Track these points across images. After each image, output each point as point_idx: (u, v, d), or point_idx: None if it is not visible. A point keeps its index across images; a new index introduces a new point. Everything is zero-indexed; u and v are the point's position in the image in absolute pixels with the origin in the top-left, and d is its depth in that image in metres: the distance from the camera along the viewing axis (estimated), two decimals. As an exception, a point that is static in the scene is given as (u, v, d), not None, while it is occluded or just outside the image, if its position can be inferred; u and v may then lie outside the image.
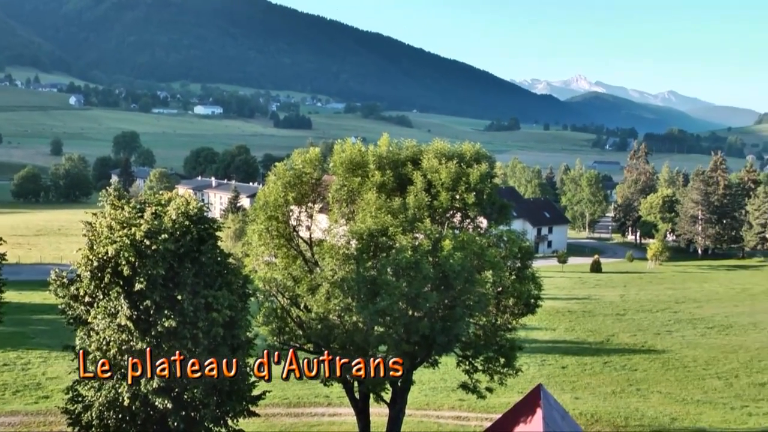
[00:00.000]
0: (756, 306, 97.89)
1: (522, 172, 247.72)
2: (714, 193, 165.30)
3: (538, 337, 70.97)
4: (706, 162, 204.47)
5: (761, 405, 50.67)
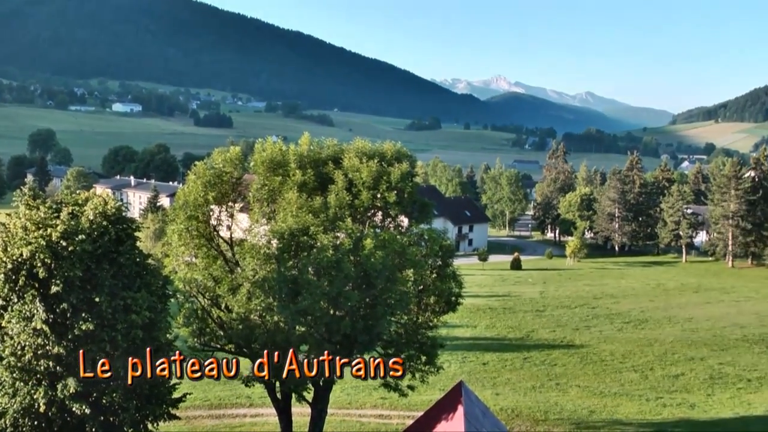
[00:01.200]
0: (670, 301, 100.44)
1: (443, 171, 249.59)
2: (630, 191, 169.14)
3: (459, 335, 71.59)
4: (622, 161, 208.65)
5: (675, 396, 52.00)
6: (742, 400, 51.25)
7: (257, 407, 46.43)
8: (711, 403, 50.12)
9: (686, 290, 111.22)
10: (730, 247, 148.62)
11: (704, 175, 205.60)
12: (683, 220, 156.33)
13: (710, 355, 66.85)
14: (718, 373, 59.90)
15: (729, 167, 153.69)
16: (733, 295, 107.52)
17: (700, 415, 46.17)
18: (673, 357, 65.49)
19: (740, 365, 62.98)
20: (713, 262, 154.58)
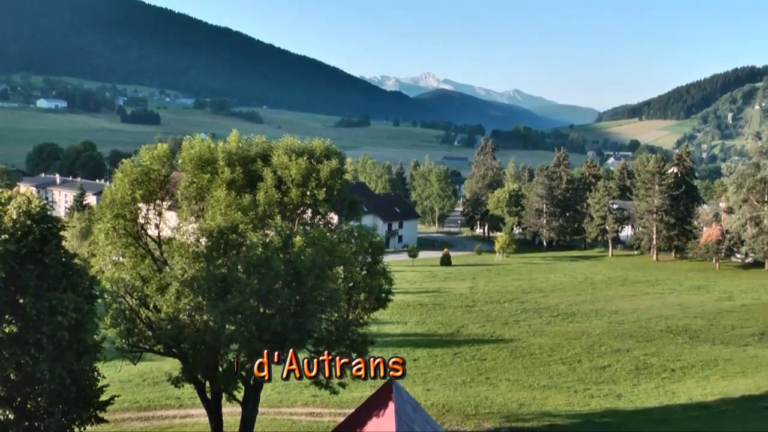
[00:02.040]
0: (597, 294, 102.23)
1: (372, 167, 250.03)
2: (557, 187, 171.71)
3: (389, 331, 71.74)
4: (550, 158, 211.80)
5: (602, 387, 52.94)
6: (666, 389, 52.43)
7: (187, 408, 45.94)
8: (637, 393, 51.17)
9: (613, 283, 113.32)
10: (654, 241, 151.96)
11: (629, 171, 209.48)
12: (609, 215, 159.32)
13: (636, 347, 68.21)
14: (643, 364, 61.16)
15: (653, 163, 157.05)
16: (657, 287, 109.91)
17: (626, 405, 47.11)
18: (600, 349, 66.64)
19: (664, 356, 64.39)
20: (638, 255, 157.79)
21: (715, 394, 49.41)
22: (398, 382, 29.33)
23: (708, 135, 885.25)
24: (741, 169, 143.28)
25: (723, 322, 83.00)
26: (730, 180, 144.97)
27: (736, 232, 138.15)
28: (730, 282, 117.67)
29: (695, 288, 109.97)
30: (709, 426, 41.60)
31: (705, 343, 72.17)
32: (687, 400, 48.29)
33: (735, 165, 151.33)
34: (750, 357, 64.34)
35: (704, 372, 58.70)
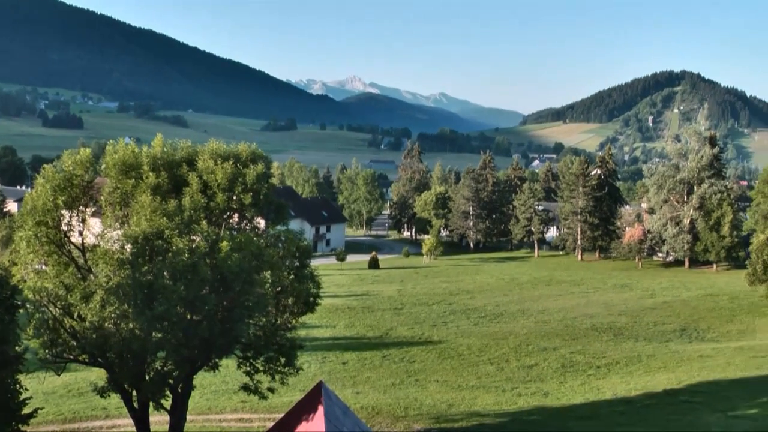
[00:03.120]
0: (523, 294, 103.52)
1: (299, 171, 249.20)
2: (483, 189, 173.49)
3: (318, 335, 71.61)
4: (476, 161, 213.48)
5: (529, 386, 53.62)
6: (591, 386, 53.34)
7: (114, 418, 45.14)
8: (563, 391, 51.96)
9: (539, 284, 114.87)
10: (579, 242, 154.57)
11: (554, 173, 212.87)
12: (535, 216, 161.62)
13: (562, 345, 69.27)
14: (569, 362, 62.14)
15: (577, 166, 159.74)
16: (582, 287, 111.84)
17: (554, 403, 47.80)
18: (528, 348, 67.48)
19: (590, 353, 65.55)
20: (564, 256, 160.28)
21: (638, 389, 50.49)
22: (327, 385, 29.36)
23: (630, 138, 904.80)
24: (661, 171, 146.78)
25: (646, 319, 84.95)
26: (651, 181, 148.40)
27: (658, 231, 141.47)
28: (652, 280, 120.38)
29: (619, 286, 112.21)
30: (632, 420, 42.47)
31: (629, 339, 73.76)
32: (612, 395, 49.22)
33: (656, 167, 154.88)
34: (671, 352, 65.94)
35: (628, 368, 59.93)
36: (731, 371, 55.59)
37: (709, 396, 47.41)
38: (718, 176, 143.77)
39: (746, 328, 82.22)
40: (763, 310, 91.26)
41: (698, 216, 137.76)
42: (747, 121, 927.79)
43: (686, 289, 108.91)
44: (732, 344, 71.24)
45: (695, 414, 43.18)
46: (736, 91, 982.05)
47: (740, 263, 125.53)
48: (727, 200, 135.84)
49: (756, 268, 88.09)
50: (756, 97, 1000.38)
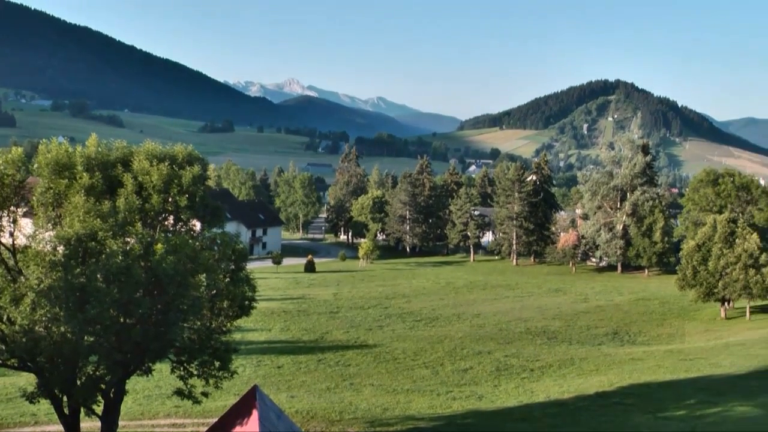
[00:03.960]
0: (459, 298, 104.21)
1: (236, 174, 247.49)
2: (420, 194, 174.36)
3: (253, 339, 71.14)
4: (413, 165, 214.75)
5: (464, 389, 53.91)
6: (525, 388, 53.87)
7: (43, 425, 44.18)
8: (497, 394, 52.36)
9: (474, 288, 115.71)
10: (514, 246, 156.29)
11: (490, 178, 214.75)
12: (471, 221, 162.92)
13: (497, 349, 69.85)
14: (503, 365, 62.68)
15: (513, 171, 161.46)
16: (517, 291, 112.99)
17: (488, 406, 48.12)
18: (462, 352, 67.90)
19: (524, 356, 66.21)
20: (499, 260, 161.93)
21: (571, 392, 51.13)
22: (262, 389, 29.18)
23: (565, 144, 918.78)
24: (596, 178, 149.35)
25: (579, 322, 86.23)
26: (585, 188, 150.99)
27: (591, 237, 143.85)
28: (585, 285, 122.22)
29: (553, 291, 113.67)
30: (565, 422, 43.00)
31: (562, 343, 74.77)
32: (545, 398, 49.76)
33: (590, 173, 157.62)
34: (604, 355, 66.97)
35: (561, 371, 60.69)
36: (661, 374, 56.69)
37: (640, 398, 48.27)
38: (650, 183, 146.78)
39: (676, 331, 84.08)
40: (693, 314, 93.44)
41: (631, 222, 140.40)
42: (678, 130, 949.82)
43: (619, 293, 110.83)
44: (662, 347, 72.73)
45: (626, 415, 43.90)
46: (668, 101, 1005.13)
47: (671, 268, 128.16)
48: (659, 207, 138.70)
49: (686, 274, 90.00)
50: (687, 107, 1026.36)
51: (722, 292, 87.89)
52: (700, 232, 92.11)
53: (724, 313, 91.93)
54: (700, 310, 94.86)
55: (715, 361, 61.77)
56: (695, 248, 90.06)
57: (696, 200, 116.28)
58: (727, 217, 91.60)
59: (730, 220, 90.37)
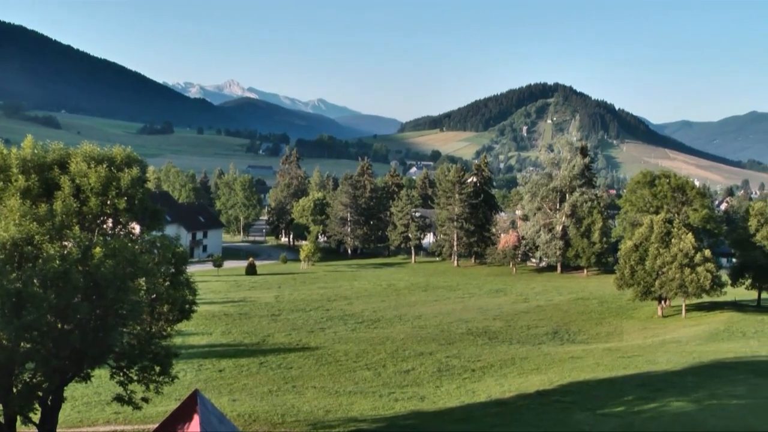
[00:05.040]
0: (401, 300, 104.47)
1: (176, 176, 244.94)
2: (361, 196, 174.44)
3: (194, 343, 70.50)
4: (354, 167, 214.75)
5: (406, 390, 54.02)
6: (467, 389, 54.19)
7: (-23, 432, 43.26)
8: (439, 394, 52.59)
9: (416, 289, 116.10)
10: (455, 248, 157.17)
11: (431, 180, 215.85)
12: (412, 223, 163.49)
13: (438, 350, 70.17)
14: (445, 366, 62.99)
15: (453, 173, 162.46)
16: (458, 292, 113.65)
17: (430, 406, 48.30)
18: (404, 353, 68.07)
19: (465, 357, 66.62)
20: (440, 262, 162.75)
21: (512, 391, 51.60)
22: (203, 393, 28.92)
23: (505, 146, 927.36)
24: (535, 179, 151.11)
25: (519, 322, 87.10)
26: (525, 189, 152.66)
27: (531, 238, 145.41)
28: (525, 285, 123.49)
29: (494, 291, 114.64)
30: (506, 421, 43.36)
31: (503, 343, 75.45)
32: (486, 398, 50.13)
33: (530, 175, 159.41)
34: (544, 354, 67.72)
35: (502, 370, 61.20)
36: (600, 371, 57.53)
37: (579, 395, 48.91)
38: (588, 185, 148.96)
39: (614, 330, 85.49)
40: (630, 312, 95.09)
41: (570, 223, 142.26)
42: (616, 132, 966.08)
43: (558, 293, 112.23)
44: (601, 345, 73.84)
45: (566, 413, 44.44)
46: (606, 104, 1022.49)
47: (609, 268, 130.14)
48: (597, 208, 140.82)
49: (624, 273, 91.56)
50: (624, 110, 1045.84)
51: (659, 291, 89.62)
52: (638, 233, 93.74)
53: (660, 312, 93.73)
54: (638, 309, 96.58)
55: (652, 358, 62.93)
56: (633, 248, 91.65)
57: (633, 201, 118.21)
58: (663, 217, 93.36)
59: (666, 221, 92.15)
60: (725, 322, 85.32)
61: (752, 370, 56.41)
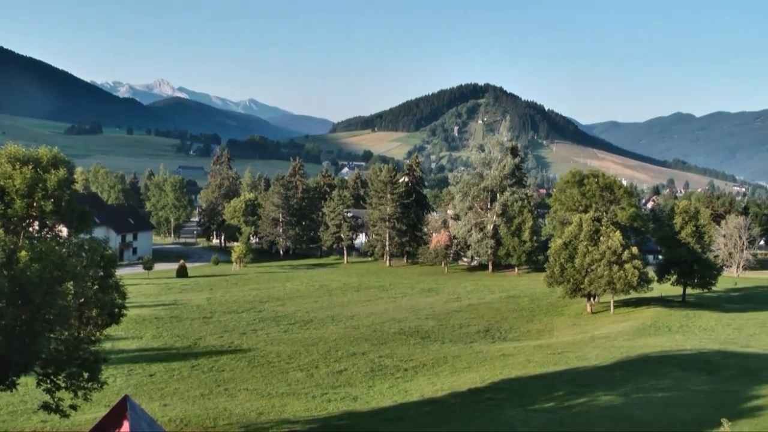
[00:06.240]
0: (333, 300, 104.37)
1: (105, 177, 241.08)
2: (293, 196, 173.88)
3: (124, 347, 69.42)
4: (286, 168, 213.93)
5: (339, 391, 54.02)
6: (399, 388, 54.41)
7: None
8: (372, 394, 52.69)
9: (348, 290, 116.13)
10: (387, 248, 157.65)
11: (363, 180, 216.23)
12: (344, 223, 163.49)
13: (371, 350, 70.31)
14: (378, 366, 63.12)
15: (385, 173, 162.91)
16: (391, 292, 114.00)
17: (363, 407, 48.38)
18: (337, 354, 68.05)
19: (398, 356, 66.87)
20: (373, 262, 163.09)
21: (444, 390, 51.97)
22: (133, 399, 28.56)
23: (436, 147, 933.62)
24: (466, 179, 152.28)
25: (452, 321, 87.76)
26: (456, 189, 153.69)
27: (463, 237, 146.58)
28: (457, 284, 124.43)
29: (426, 291, 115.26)
30: (439, 419, 43.67)
31: (435, 342, 75.93)
32: (419, 397, 50.41)
33: (461, 175, 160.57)
34: (476, 352, 68.33)
35: (435, 369, 61.59)
36: (531, 368, 58.32)
37: (511, 392, 49.53)
38: (519, 184, 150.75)
39: (545, 327, 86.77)
40: (560, 309, 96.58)
41: (501, 222, 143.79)
42: (546, 133, 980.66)
43: (490, 291, 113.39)
44: (532, 342, 74.81)
45: (498, 410, 44.94)
46: (536, 105, 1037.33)
47: (539, 266, 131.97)
48: (528, 207, 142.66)
49: (554, 271, 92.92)
50: (554, 110, 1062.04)
51: (588, 288, 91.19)
52: (567, 231, 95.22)
53: (590, 308, 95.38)
54: (568, 306, 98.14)
55: (581, 354, 64.04)
56: (562, 246, 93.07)
57: (563, 200, 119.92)
58: (592, 216, 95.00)
59: (594, 219, 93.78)
60: (652, 318, 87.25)
61: (677, 364, 57.73)
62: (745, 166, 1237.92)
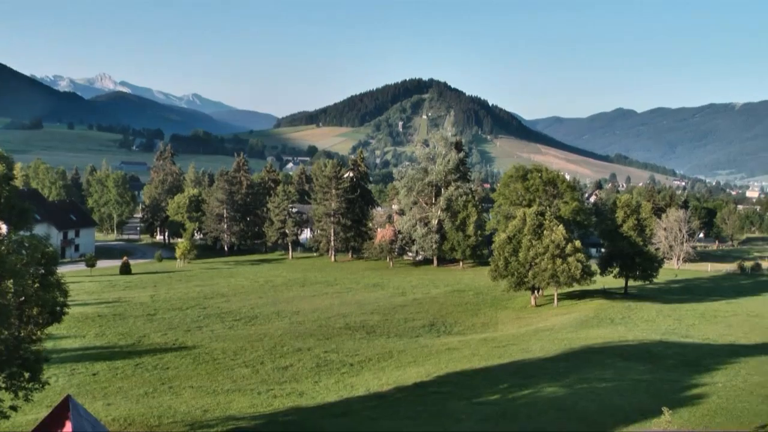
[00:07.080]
0: (278, 296, 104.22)
1: (46, 173, 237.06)
2: (238, 192, 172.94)
3: (67, 346, 68.52)
4: (230, 163, 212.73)
5: (284, 386, 53.97)
6: (345, 383, 54.53)
7: None
8: (318, 390, 52.74)
9: (293, 285, 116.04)
10: (332, 243, 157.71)
11: (308, 175, 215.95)
12: (289, 218, 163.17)
13: (317, 345, 70.35)
14: (324, 361, 63.20)
15: (330, 169, 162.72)
16: (336, 287, 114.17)
17: (309, 402, 48.40)
18: (283, 349, 67.96)
19: (344, 351, 67.03)
20: (318, 257, 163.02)
21: (390, 384, 52.21)
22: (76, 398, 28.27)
23: (381, 142, 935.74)
24: (411, 174, 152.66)
25: (397, 316, 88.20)
26: (401, 184, 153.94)
27: (408, 232, 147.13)
28: (402, 279, 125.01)
29: (371, 286, 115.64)
30: (385, 414, 43.87)
31: (381, 336, 76.27)
32: (365, 391, 50.58)
33: (405, 170, 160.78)
34: (421, 347, 68.76)
35: (380, 364, 61.84)
36: (476, 361, 58.87)
37: (456, 385, 49.95)
38: (463, 179, 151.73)
39: (489, 320, 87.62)
40: (505, 303, 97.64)
41: (446, 217, 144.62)
42: (490, 128, 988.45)
43: (435, 286, 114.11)
44: (477, 336, 75.55)
45: (443, 403, 45.29)
46: (480, 100, 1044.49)
47: (484, 260, 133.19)
48: (472, 202, 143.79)
49: (498, 265, 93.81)
50: (497, 106, 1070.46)
51: (532, 281, 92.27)
52: (511, 225, 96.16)
53: (534, 301, 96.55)
54: (512, 299, 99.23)
55: (525, 347, 64.84)
56: (506, 240, 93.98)
57: (506, 195, 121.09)
58: (535, 210, 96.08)
59: (538, 213, 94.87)
60: (595, 310, 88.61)
61: (619, 354, 58.77)
62: (685, 161, 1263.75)
